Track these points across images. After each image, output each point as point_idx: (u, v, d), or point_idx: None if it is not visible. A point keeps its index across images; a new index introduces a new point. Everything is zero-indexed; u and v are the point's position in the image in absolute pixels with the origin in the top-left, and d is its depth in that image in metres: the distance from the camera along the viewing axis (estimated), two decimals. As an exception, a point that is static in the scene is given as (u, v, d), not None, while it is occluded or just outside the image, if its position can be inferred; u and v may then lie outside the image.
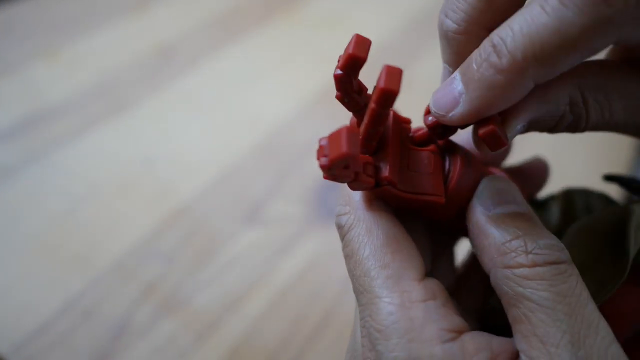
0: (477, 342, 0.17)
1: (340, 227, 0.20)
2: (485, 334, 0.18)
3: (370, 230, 0.19)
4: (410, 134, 0.21)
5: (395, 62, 0.19)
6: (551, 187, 0.27)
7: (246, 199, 0.47)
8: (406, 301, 0.17)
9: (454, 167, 0.20)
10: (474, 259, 0.26)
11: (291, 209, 0.47)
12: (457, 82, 0.18)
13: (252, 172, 0.49)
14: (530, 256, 0.17)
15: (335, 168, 0.16)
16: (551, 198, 0.24)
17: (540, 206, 0.25)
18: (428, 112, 0.19)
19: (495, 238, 0.18)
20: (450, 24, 0.18)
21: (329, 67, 0.64)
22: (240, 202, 0.47)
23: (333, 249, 0.44)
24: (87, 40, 0.63)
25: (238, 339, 0.38)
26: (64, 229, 0.44)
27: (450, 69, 0.19)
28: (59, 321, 0.38)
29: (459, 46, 0.18)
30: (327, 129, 0.23)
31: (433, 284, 0.18)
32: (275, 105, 0.57)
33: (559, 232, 0.21)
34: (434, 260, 0.23)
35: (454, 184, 0.19)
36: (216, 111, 0.56)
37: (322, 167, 0.16)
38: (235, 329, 0.38)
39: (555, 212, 0.23)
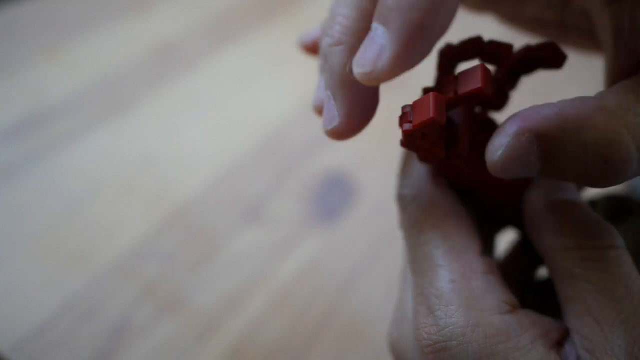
0: (531, 318, 0.18)
1: (402, 199, 0.21)
2: (536, 314, 0.18)
3: (434, 203, 0.20)
4: (481, 117, 0.21)
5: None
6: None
7: (246, 198, 0.47)
8: (468, 272, 0.18)
9: None
10: (514, 255, 0.26)
11: (291, 209, 0.46)
12: (377, 31, 0.16)
13: (252, 172, 0.49)
14: (589, 241, 0.17)
15: (418, 135, 0.17)
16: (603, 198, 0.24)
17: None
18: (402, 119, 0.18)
19: (555, 221, 0.18)
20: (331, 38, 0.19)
21: (329, 67, 0.62)
22: (240, 201, 0.47)
23: (333, 249, 0.44)
24: (87, 40, 0.63)
25: (238, 339, 0.38)
26: (64, 229, 0.44)
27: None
28: (59, 321, 0.38)
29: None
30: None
31: (491, 260, 0.19)
32: (275, 105, 0.57)
33: None
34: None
35: None
36: (216, 111, 0.56)
37: (406, 132, 0.16)
38: (235, 329, 0.38)
39: (600, 211, 0.23)
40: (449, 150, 0.18)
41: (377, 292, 0.42)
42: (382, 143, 0.50)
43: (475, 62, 0.18)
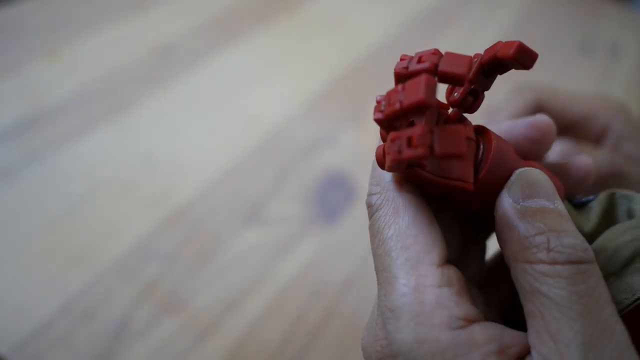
0: (487, 333, 0.17)
1: (369, 206, 0.20)
2: (499, 325, 0.18)
3: (397, 211, 0.19)
4: (446, 119, 0.20)
5: (394, 62, 0.19)
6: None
7: (246, 199, 0.47)
8: (420, 285, 0.18)
9: (487, 155, 0.19)
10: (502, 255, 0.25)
11: (291, 209, 0.46)
12: None
13: (252, 172, 0.49)
14: (551, 254, 0.17)
15: (403, 118, 0.16)
16: (594, 199, 0.23)
17: (581, 207, 0.23)
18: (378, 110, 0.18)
19: (519, 231, 0.18)
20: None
21: (329, 67, 0.64)
22: (240, 202, 0.47)
23: (333, 249, 0.44)
24: (87, 40, 0.63)
25: (238, 339, 0.38)
26: (64, 229, 0.44)
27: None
28: (59, 321, 0.38)
29: None
30: (327, 129, 0.23)
31: (451, 271, 0.18)
32: (275, 105, 0.57)
33: (594, 235, 0.21)
34: (465, 251, 0.23)
35: (486, 171, 0.19)
36: (216, 111, 0.56)
37: (390, 113, 0.16)
38: (235, 329, 0.38)
39: (595, 214, 0.22)
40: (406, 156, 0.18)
41: (376, 292, 0.42)
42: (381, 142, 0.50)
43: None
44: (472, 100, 0.19)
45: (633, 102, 0.62)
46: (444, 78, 0.17)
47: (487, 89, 0.20)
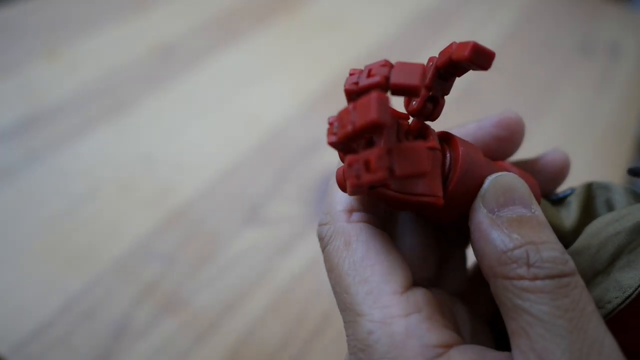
0: (466, 357, 0.16)
1: (320, 239, 0.19)
2: (479, 347, 0.17)
3: (349, 243, 0.18)
4: (407, 130, 0.19)
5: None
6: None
7: (246, 199, 0.47)
8: (387, 317, 0.17)
9: (455, 165, 0.18)
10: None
11: (291, 209, 0.46)
12: None
13: (252, 172, 0.49)
14: (531, 269, 0.16)
15: (356, 140, 0.15)
16: (571, 193, 0.22)
17: (559, 202, 0.22)
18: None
19: (496, 245, 0.16)
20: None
21: (329, 67, 0.64)
22: (240, 202, 0.47)
23: (333, 249, 0.44)
24: (87, 40, 0.63)
25: (238, 339, 0.38)
26: (64, 229, 0.44)
27: None
28: (59, 321, 0.38)
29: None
30: (325, 129, 0.23)
31: (418, 295, 0.17)
32: (275, 105, 0.57)
33: (576, 231, 0.20)
34: (445, 262, 0.22)
35: (455, 183, 0.18)
36: (216, 111, 0.56)
37: (343, 136, 0.15)
38: (235, 329, 0.38)
39: (574, 209, 0.21)
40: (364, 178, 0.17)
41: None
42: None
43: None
44: (432, 107, 0.18)
45: (633, 102, 0.62)
46: (397, 91, 0.16)
47: (447, 93, 0.18)
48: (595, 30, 0.73)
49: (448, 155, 0.18)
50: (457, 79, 0.19)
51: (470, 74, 0.21)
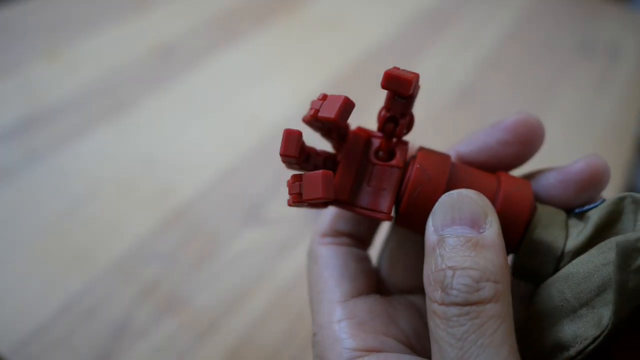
0: None
1: (308, 256, 0.23)
2: (398, 356, 0.18)
3: (316, 262, 0.21)
4: (377, 148, 0.20)
5: (394, 62, 0.19)
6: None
7: (246, 199, 0.47)
8: (325, 323, 0.19)
9: (406, 182, 0.19)
10: None
11: (291, 210, 0.46)
12: None
13: (252, 172, 0.49)
14: (442, 293, 0.16)
15: (308, 205, 0.18)
16: (594, 206, 0.19)
17: (581, 215, 0.20)
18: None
19: (430, 264, 0.17)
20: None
21: (329, 68, 0.64)
22: (240, 202, 0.47)
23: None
24: (87, 40, 0.63)
25: (238, 339, 0.38)
26: (64, 229, 0.44)
27: None
28: (59, 321, 0.38)
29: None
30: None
31: (359, 303, 0.19)
32: (275, 105, 0.57)
33: (579, 251, 0.18)
34: None
35: (405, 200, 0.19)
36: (216, 111, 0.56)
37: (293, 202, 0.18)
38: (235, 329, 0.38)
39: (590, 225, 0.18)
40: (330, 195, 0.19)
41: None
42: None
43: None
44: (393, 127, 0.20)
45: (633, 102, 0.62)
46: (321, 121, 0.18)
47: (406, 112, 0.19)
48: (595, 30, 0.73)
49: (408, 173, 0.20)
50: (456, 79, 0.19)
51: (471, 74, 0.21)
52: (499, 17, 0.73)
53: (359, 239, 0.22)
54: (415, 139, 0.47)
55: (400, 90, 0.18)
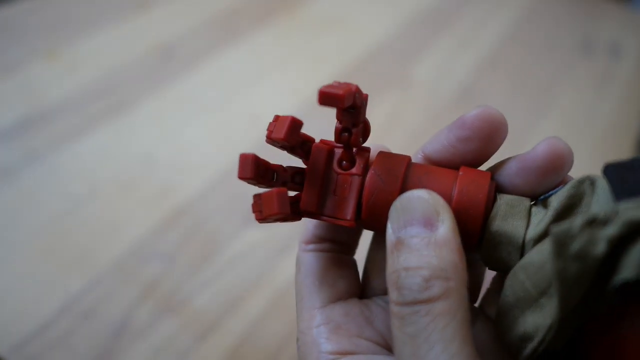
0: None
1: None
2: (373, 357, 0.19)
3: (299, 269, 0.22)
4: (339, 158, 0.21)
5: (394, 62, 0.19)
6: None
7: (246, 199, 0.47)
8: (305, 328, 0.20)
9: (364, 189, 0.20)
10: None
11: (291, 209, 0.46)
12: None
13: (252, 172, 0.49)
14: (397, 294, 0.16)
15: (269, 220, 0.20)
16: (554, 192, 0.19)
17: (545, 202, 0.19)
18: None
19: (388, 265, 0.17)
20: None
21: (329, 67, 0.64)
22: (240, 202, 0.47)
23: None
24: (87, 40, 0.63)
25: (238, 339, 0.38)
26: (64, 229, 0.44)
27: None
28: (59, 321, 0.38)
29: None
30: (326, 129, 0.23)
31: (337, 309, 0.20)
32: (275, 104, 0.57)
33: (539, 240, 0.18)
34: None
35: (364, 205, 0.20)
36: (216, 111, 0.56)
37: (258, 219, 0.20)
38: (235, 329, 0.38)
39: (550, 211, 0.18)
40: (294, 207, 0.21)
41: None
42: (380, 143, 0.50)
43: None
44: (348, 137, 0.21)
45: (633, 101, 0.62)
46: (275, 142, 0.21)
47: (357, 121, 0.20)
48: (595, 30, 0.72)
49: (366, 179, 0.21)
50: (456, 79, 0.20)
51: (471, 74, 0.21)
52: (499, 17, 0.73)
53: (342, 244, 0.23)
54: (416, 139, 0.47)
55: (336, 105, 0.18)
